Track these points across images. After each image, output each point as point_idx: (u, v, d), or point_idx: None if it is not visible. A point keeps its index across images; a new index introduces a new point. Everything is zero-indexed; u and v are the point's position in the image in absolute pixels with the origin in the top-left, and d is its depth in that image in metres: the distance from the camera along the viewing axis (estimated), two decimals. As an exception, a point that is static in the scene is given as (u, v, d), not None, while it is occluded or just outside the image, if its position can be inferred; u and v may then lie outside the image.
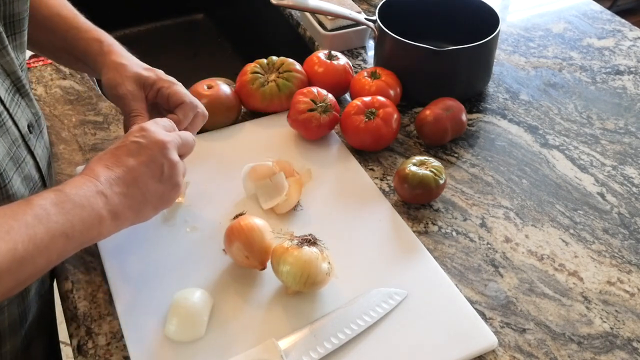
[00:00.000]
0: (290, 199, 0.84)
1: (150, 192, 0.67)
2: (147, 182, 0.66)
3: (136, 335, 0.70)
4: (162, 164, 0.67)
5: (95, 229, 0.62)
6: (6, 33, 0.66)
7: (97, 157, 0.67)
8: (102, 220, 0.62)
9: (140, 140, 0.67)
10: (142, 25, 1.60)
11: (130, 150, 0.66)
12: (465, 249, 0.82)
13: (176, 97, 0.77)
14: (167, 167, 0.68)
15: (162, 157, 0.67)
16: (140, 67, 0.79)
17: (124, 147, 0.67)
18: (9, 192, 0.65)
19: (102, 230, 0.63)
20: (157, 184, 0.67)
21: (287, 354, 0.68)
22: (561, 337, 0.72)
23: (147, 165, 0.66)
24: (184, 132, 0.73)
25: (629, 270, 0.80)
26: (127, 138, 0.68)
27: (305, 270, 0.70)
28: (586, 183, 0.91)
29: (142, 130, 0.68)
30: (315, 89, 0.95)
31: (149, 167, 0.66)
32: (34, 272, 0.58)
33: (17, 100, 0.68)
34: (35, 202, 0.59)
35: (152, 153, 0.67)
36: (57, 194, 0.60)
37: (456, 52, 0.99)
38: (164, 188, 0.68)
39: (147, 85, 0.77)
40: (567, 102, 1.07)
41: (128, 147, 0.67)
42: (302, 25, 1.24)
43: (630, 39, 1.22)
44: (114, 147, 0.68)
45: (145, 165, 0.66)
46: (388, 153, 0.96)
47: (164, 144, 0.68)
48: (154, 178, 0.67)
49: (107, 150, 0.68)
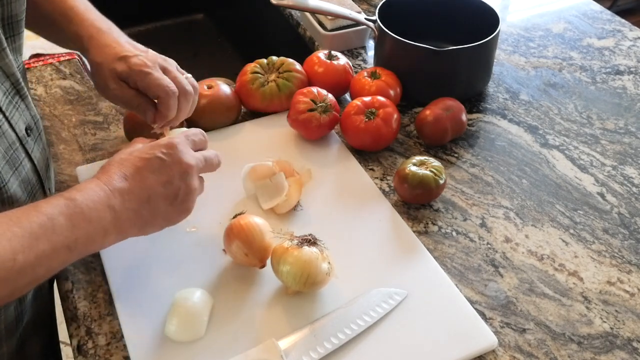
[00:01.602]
0: (290, 199, 0.84)
1: (160, 213, 0.66)
2: (159, 202, 0.65)
3: (136, 335, 0.70)
4: (179, 187, 0.66)
5: (98, 242, 0.62)
6: (5, 35, 0.65)
7: (118, 160, 0.66)
8: (106, 234, 0.62)
9: (165, 159, 0.66)
10: (142, 25, 1.60)
11: (153, 166, 0.65)
12: (465, 249, 0.82)
13: (152, 90, 0.75)
14: (183, 192, 0.67)
15: (181, 180, 0.67)
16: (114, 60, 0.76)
17: (147, 160, 0.66)
18: (5, 194, 0.64)
19: (105, 242, 0.63)
20: (169, 206, 0.66)
21: (287, 354, 0.68)
22: (561, 337, 0.72)
23: (164, 186, 0.65)
24: (209, 153, 0.72)
25: (629, 270, 0.80)
26: (154, 150, 0.67)
27: (305, 270, 0.70)
28: (586, 183, 0.91)
29: (171, 147, 0.67)
30: (315, 89, 0.95)
31: (166, 188, 0.65)
32: (33, 281, 0.58)
33: (16, 103, 0.68)
34: (43, 210, 0.58)
35: (173, 174, 0.66)
36: (67, 203, 0.59)
37: (456, 52, 0.99)
38: (173, 211, 0.67)
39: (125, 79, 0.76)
40: (567, 102, 1.07)
41: (151, 162, 0.65)
42: (302, 25, 1.24)
43: (630, 39, 1.22)
44: (138, 157, 0.66)
45: (162, 186, 0.65)
46: (388, 153, 0.96)
47: (187, 169, 0.67)
48: (167, 200, 0.66)
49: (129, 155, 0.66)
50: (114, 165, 0.65)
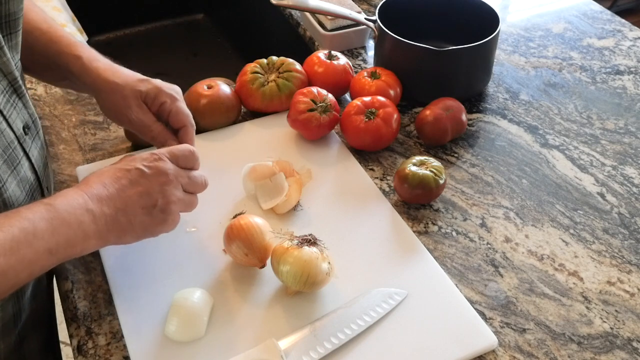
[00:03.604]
0: (290, 199, 0.84)
1: (137, 222, 0.67)
2: (136, 211, 0.66)
3: (136, 335, 0.70)
4: (157, 199, 0.67)
5: (79, 246, 0.63)
6: (2, 33, 0.65)
7: (99, 171, 0.67)
8: (86, 239, 0.63)
9: (145, 170, 0.67)
10: (142, 25, 1.60)
11: (132, 176, 0.66)
12: (465, 249, 0.82)
13: (178, 118, 0.77)
14: (161, 203, 0.67)
15: (159, 192, 0.67)
16: (135, 80, 0.77)
17: (128, 171, 0.67)
18: (3, 194, 0.65)
19: (86, 247, 0.64)
20: (146, 216, 0.67)
21: (287, 354, 0.68)
22: (561, 337, 0.72)
23: (141, 196, 0.66)
24: (195, 173, 0.73)
25: (629, 270, 0.80)
26: (134, 162, 0.68)
27: (305, 270, 0.70)
28: (586, 183, 0.91)
29: (154, 159, 0.68)
30: (315, 89, 0.95)
31: (142, 198, 0.66)
32: (15, 285, 0.59)
33: (14, 102, 0.68)
34: (23, 215, 0.59)
35: (151, 185, 0.67)
36: (47, 208, 0.60)
37: (456, 52, 0.99)
38: (151, 220, 0.68)
39: (149, 100, 0.77)
40: (567, 102, 1.07)
41: (131, 172, 0.67)
42: (302, 25, 1.24)
43: (630, 39, 1.22)
44: (118, 168, 0.67)
45: (139, 195, 0.66)
46: (388, 153, 0.96)
47: (166, 181, 0.68)
48: (145, 209, 0.67)
49: (110, 167, 0.68)
50: (94, 175, 0.67)
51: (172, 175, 0.69)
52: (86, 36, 1.30)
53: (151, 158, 0.69)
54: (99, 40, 1.54)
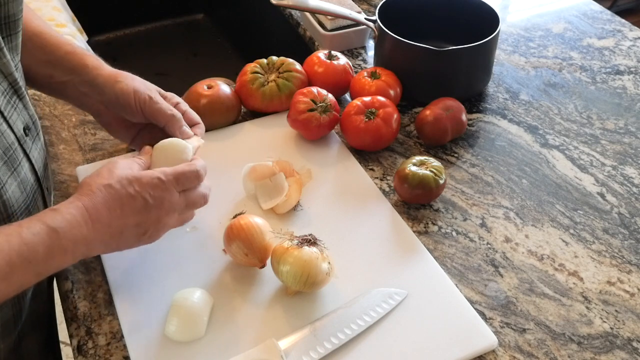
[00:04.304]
0: (290, 199, 0.84)
1: (126, 244, 0.69)
2: (128, 238, 0.68)
3: (136, 335, 0.70)
4: (149, 228, 0.69)
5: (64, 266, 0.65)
6: (2, 34, 0.65)
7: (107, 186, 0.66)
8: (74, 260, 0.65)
9: (149, 202, 0.67)
10: (142, 25, 1.60)
11: (136, 205, 0.67)
12: (465, 249, 0.82)
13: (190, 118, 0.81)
14: (152, 231, 0.69)
15: (154, 223, 0.69)
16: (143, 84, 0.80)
17: (134, 198, 0.66)
18: (3, 196, 0.64)
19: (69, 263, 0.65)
20: (135, 239, 0.69)
21: (287, 354, 0.68)
22: (561, 337, 0.72)
23: (137, 225, 0.68)
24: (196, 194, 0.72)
25: (629, 270, 0.80)
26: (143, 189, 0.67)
27: (305, 270, 0.70)
28: (586, 183, 0.91)
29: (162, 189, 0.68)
30: (315, 89, 0.95)
31: (137, 227, 0.68)
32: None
33: (14, 103, 0.68)
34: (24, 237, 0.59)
35: (149, 217, 0.68)
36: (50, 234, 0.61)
37: (456, 52, 0.99)
38: (135, 242, 0.70)
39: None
40: (567, 102, 1.07)
41: (137, 201, 0.67)
42: (302, 25, 1.24)
43: (630, 39, 1.22)
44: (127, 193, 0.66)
45: (135, 225, 0.67)
46: (388, 153, 0.96)
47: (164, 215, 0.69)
48: (136, 236, 0.69)
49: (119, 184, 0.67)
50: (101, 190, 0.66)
51: (171, 207, 0.70)
52: (86, 36, 1.30)
53: (158, 187, 0.68)
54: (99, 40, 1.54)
